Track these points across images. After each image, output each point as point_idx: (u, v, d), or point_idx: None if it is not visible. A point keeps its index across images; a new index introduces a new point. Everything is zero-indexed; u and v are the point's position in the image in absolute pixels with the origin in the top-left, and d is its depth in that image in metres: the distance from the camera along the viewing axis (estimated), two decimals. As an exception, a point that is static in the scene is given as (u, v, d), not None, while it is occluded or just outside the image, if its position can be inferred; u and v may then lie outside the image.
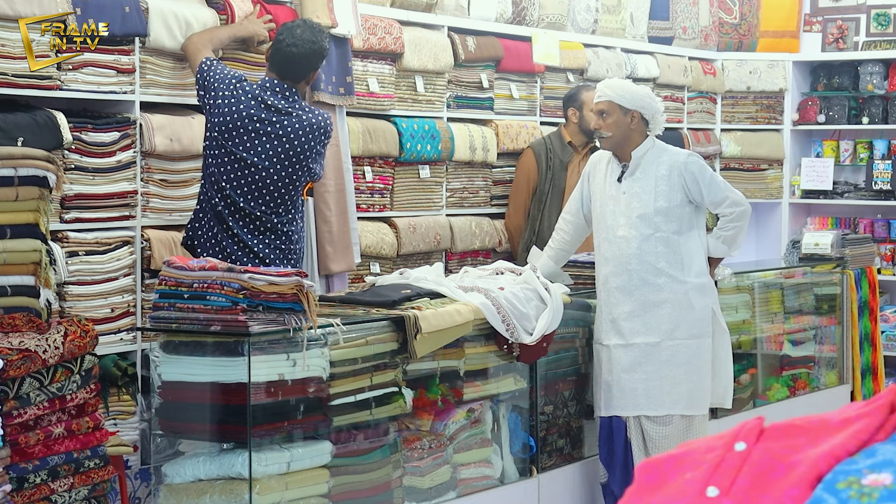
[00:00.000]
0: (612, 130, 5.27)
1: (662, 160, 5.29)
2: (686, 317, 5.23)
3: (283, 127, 4.93)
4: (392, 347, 4.48)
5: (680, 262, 5.23)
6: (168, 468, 4.15)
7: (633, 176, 5.29)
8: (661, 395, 5.22)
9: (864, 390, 7.44)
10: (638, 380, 5.24)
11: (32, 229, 3.92)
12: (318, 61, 5.04)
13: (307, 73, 5.02)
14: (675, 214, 5.24)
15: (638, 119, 5.28)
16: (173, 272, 4.05)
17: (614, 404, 5.30)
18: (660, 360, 5.22)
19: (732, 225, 5.32)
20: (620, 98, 5.26)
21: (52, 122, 4.61)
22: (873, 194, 8.93)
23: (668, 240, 5.22)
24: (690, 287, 5.24)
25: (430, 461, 4.70)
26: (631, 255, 5.23)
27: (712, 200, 5.27)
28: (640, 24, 8.20)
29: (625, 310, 5.25)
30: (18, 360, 3.65)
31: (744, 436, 1.13)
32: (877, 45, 9.05)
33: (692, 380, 5.25)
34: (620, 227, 5.27)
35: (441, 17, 6.62)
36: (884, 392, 1.14)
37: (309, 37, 4.94)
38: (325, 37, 5.07)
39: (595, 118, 5.37)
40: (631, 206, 5.26)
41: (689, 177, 5.24)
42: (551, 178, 6.66)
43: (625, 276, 5.24)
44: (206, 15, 5.29)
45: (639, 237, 5.22)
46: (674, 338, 5.23)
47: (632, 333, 5.24)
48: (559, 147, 6.73)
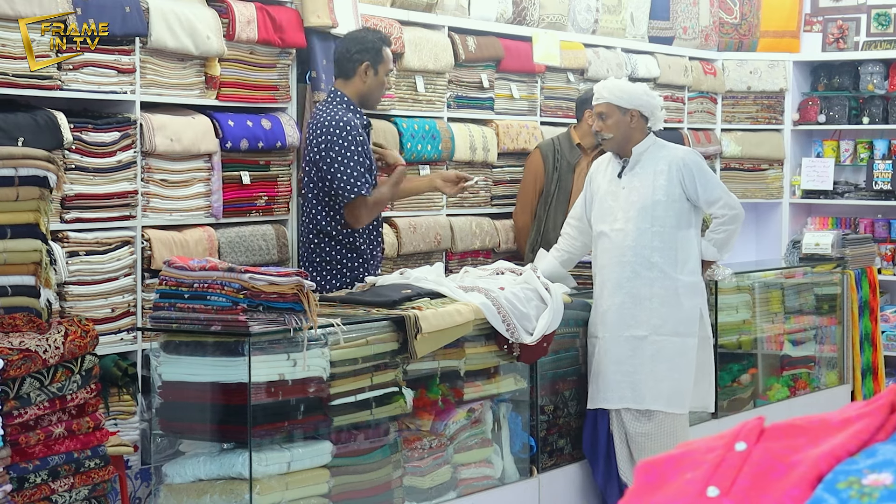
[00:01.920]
0: (612, 132, 5.31)
1: (662, 155, 5.34)
2: (674, 314, 5.27)
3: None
4: (392, 347, 4.48)
5: (674, 258, 5.27)
6: (168, 468, 4.15)
7: (632, 171, 5.35)
8: (644, 389, 5.26)
9: (865, 390, 7.44)
10: (624, 372, 5.28)
11: (33, 229, 3.92)
12: (352, 51, 5.26)
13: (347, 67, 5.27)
14: (673, 210, 5.27)
15: (637, 117, 5.32)
16: (174, 272, 4.05)
17: (600, 396, 5.35)
18: (645, 354, 5.26)
19: (724, 228, 5.37)
20: (618, 99, 5.31)
21: (52, 122, 4.61)
22: (874, 194, 8.93)
23: (665, 235, 5.26)
24: (681, 284, 5.27)
25: (431, 461, 4.70)
26: (626, 247, 5.27)
27: (707, 199, 5.30)
28: (640, 24, 8.20)
29: (615, 301, 5.29)
30: (19, 360, 3.65)
31: (744, 436, 1.13)
32: (877, 45, 9.05)
33: (674, 377, 5.27)
34: (618, 220, 5.32)
35: (441, 17, 6.61)
36: (884, 392, 1.14)
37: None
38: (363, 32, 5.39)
39: (595, 120, 5.40)
40: (630, 199, 5.31)
41: (686, 172, 5.29)
42: (557, 179, 6.67)
43: (618, 267, 5.28)
44: (206, 15, 5.29)
45: (635, 230, 5.26)
46: (660, 333, 5.26)
47: (620, 326, 5.28)
48: (567, 148, 6.73)
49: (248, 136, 5.46)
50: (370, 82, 5.28)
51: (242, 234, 5.48)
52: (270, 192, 5.67)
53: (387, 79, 5.37)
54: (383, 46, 5.29)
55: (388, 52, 5.33)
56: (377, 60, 5.26)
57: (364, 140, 5.18)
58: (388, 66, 5.33)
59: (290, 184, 5.78)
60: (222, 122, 5.36)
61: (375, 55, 5.26)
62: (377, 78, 5.28)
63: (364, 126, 5.26)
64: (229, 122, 5.39)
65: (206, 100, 5.37)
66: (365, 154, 5.14)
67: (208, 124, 5.31)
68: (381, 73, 5.28)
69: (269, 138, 5.56)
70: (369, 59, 5.25)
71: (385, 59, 5.29)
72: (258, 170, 5.60)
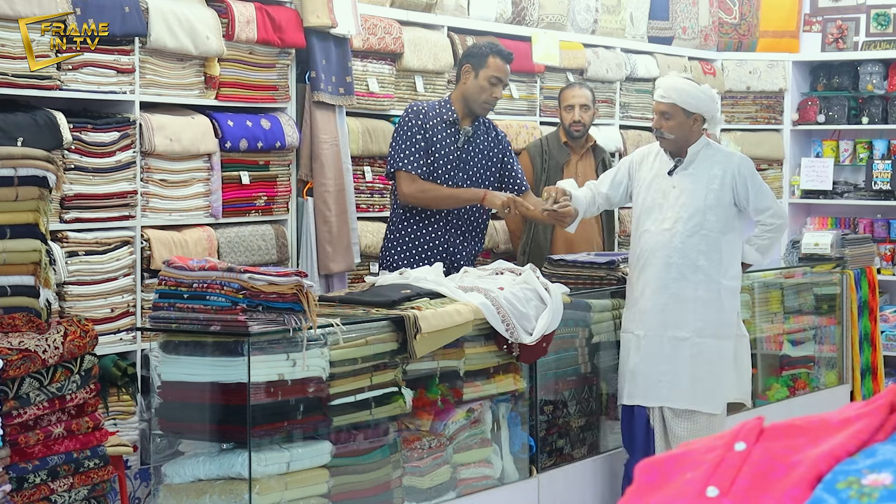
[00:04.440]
0: (674, 133, 5.25)
1: (717, 159, 5.32)
2: (715, 317, 5.28)
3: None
4: (392, 347, 4.47)
5: (719, 261, 5.27)
6: (168, 468, 4.14)
7: (685, 171, 5.30)
8: (683, 389, 5.28)
9: (864, 390, 7.44)
10: (663, 372, 5.30)
11: (32, 229, 3.92)
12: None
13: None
14: (723, 214, 5.27)
15: (699, 121, 5.29)
16: (173, 272, 4.04)
17: (638, 393, 5.36)
18: (686, 355, 5.28)
19: (769, 235, 5.39)
20: (685, 102, 5.23)
21: (52, 122, 4.61)
22: (873, 194, 8.93)
23: (711, 239, 5.26)
24: (724, 288, 5.28)
25: (430, 461, 4.70)
26: (674, 248, 5.26)
27: (757, 207, 5.29)
28: (639, 24, 8.20)
29: (659, 301, 5.29)
30: (18, 360, 3.65)
31: (744, 436, 1.13)
32: (876, 45, 9.05)
33: (713, 378, 5.31)
34: (667, 220, 5.29)
35: (441, 17, 6.62)
36: (883, 392, 1.14)
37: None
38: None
39: (656, 118, 5.31)
40: (680, 200, 5.28)
41: (740, 180, 5.27)
42: (546, 180, 6.65)
43: (664, 268, 5.27)
44: (206, 15, 5.29)
45: (684, 232, 5.25)
46: (702, 336, 5.28)
47: (663, 326, 5.29)
48: (556, 148, 6.72)
49: (247, 136, 5.46)
50: (470, 84, 5.57)
51: (242, 234, 5.48)
52: (270, 192, 5.67)
53: (492, 86, 5.55)
54: (491, 54, 5.58)
55: (495, 61, 5.56)
56: (480, 65, 5.56)
57: (428, 130, 5.47)
58: (492, 73, 5.55)
59: (290, 184, 5.78)
60: (222, 122, 5.37)
61: (479, 60, 5.57)
62: (477, 81, 5.55)
63: (451, 123, 5.55)
64: (229, 122, 5.40)
65: (205, 100, 5.37)
66: (420, 140, 5.45)
67: (208, 124, 5.31)
68: (482, 77, 5.56)
69: (268, 138, 5.56)
70: (472, 62, 5.58)
71: (488, 66, 5.56)
72: (258, 170, 5.60)
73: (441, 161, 5.49)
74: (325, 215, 5.83)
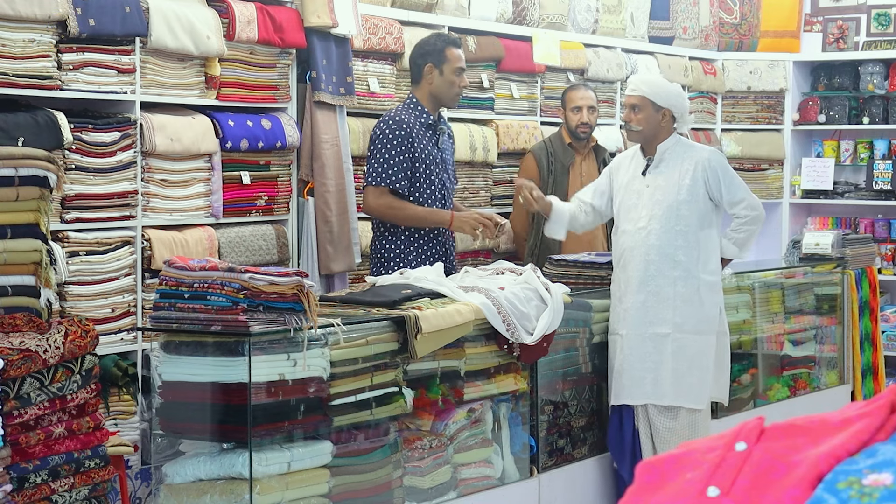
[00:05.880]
0: (642, 125, 5.36)
1: (687, 155, 5.38)
2: (695, 312, 5.32)
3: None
4: (392, 347, 4.47)
5: (697, 257, 5.32)
6: (168, 468, 4.14)
7: (657, 169, 5.38)
8: (666, 386, 5.32)
9: (865, 390, 7.43)
10: (647, 369, 5.33)
11: (33, 229, 3.92)
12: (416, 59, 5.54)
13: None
14: (697, 209, 5.32)
15: (668, 117, 5.38)
16: (174, 272, 4.04)
17: (624, 392, 5.39)
18: (667, 351, 5.32)
19: (745, 228, 5.40)
20: (654, 95, 5.36)
21: (52, 122, 4.61)
22: (874, 194, 8.93)
23: (688, 234, 5.30)
24: (703, 283, 5.32)
25: (431, 461, 4.70)
26: (651, 245, 5.31)
27: (730, 199, 5.34)
28: (640, 24, 8.20)
29: (638, 299, 5.33)
30: (19, 360, 3.65)
31: (744, 436, 1.13)
32: (877, 45, 9.05)
33: (695, 374, 5.34)
34: (642, 219, 5.35)
35: (441, 17, 6.61)
36: (884, 392, 1.14)
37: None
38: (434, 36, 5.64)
39: (626, 111, 5.43)
40: (654, 198, 5.35)
41: (711, 173, 5.33)
42: (553, 182, 6.66)
43: (642, 266, 5.32)
44: (207, 15, 5.29)
45: (659, 229, 5.30)
46: (682, 331, 5.32)
47: (643, 324, 5.32)
48: (560, 149, 6.73)
49: (248, 135, 5.46)
50: (437, 82, 5.50)
51: (242, 234, 5.48)
52: (270, 192, 5.67)
53: (458, 77, 5.51)
54: (447, 47, 5.51)
55: (453, 52, 5.51)
56: (440, 61, 5.48)
57: (413, 139, 5.38)
58: (456, 65, 5.51)
59: (290, 183, 5.78)
60: (222, 122, 5.37)
61: (438, 56, 5.49)
62: (444, 77, 5.49)
63: (429, 126, 5.49)
64: (229, 122, 5.40)
65: (206, 100, 5.37)
66: (404, 151, 5.35)
67: (208, 124, 5.31)
68: (448, 71, 5.50)
69: (269, 138, 5.56)
70: (432, 60, 5.48)
71: (449, 59, 5.49)
72: (258, 170, 5.60)
73: (425, 164, 5.45)
74: (325, 215, 5.83)
